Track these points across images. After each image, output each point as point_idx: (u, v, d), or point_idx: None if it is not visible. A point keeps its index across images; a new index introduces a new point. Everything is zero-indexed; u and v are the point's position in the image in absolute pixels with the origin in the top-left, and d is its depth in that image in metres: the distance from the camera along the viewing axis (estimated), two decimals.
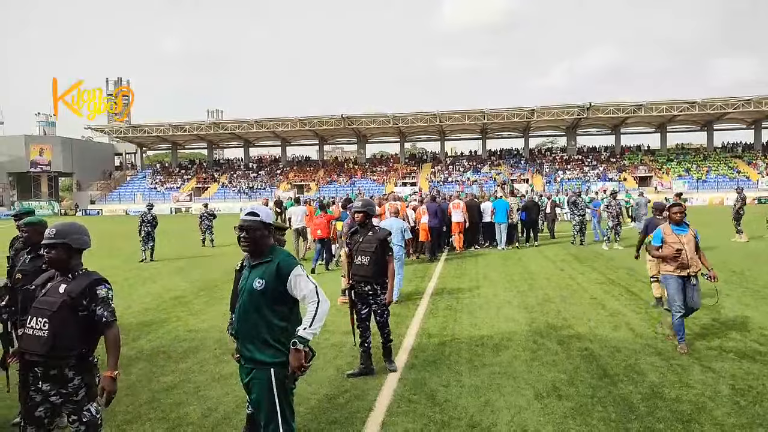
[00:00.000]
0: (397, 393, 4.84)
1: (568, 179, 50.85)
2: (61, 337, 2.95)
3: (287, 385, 3.09)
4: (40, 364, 2.97)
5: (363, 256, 5.31)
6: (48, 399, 3.00)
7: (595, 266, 12.13)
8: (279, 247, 3.29)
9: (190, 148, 73.76)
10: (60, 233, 3.10)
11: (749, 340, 6.16)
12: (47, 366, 2.97)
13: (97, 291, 3.03)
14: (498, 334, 6.65)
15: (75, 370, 3.00)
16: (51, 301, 2.99)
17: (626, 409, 4.36)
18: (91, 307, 3.00)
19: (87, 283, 3.03)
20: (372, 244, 5.32)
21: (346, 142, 68.13)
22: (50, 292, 3.04)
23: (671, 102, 50.20)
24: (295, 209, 14.64)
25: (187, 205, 54.63)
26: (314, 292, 3.02)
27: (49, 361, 2.95)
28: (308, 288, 3.03)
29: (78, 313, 2.98)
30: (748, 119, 55.09)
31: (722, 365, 5.35)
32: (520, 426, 4.12)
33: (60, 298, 2.98)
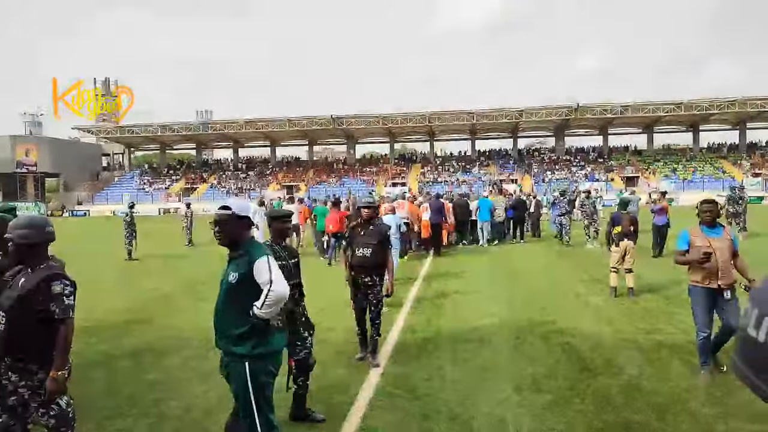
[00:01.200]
0: (378, 387, 4.88)
1: (556, 179, 51.18)
2: (17, 331, 2.92)
3: (263, 379, 3.09)
4: (4, 356, 2.97)
5: (365, 249, 5.53)
6: (17, 390, 2.99)
7: (580, 263, 12.24)
8: (256, 241, 3.30)
9: (179, 149, 73.32)
10: (11, 229, 3.07)
11: None
12: (12, 359, 2.97)
13: (51, 286, 2.96)
14: (481, 330, 6.71)
15: (38, 364, 2.97)
16: (10, 295, 2.98)
17: (603, 401, 4.43)
18: (45, 302, 2.95)
19: (41, 278, 2.98)
20: (374, 238, 5.56)
21: (335, 142, 68.08)
22: (14, 285, 3.04)
23: (658, 103, 50.71)
24: (292, 207, 15.52)
25: (175, 206, 54.32)
26: (268, 279, 2.98)
27: (8, 354, 2.94)
28: (266, 275, 3.00)
29: (33, 307, 2.93)
30: (733, 120, 55.77)
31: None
32: (498, 418, 4.17)
33: (17, 293, 2.97)
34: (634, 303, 8.06)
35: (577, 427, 3.98)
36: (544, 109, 52.34)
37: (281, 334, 3.27)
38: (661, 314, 7.33)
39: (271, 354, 3.15)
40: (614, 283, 8.65)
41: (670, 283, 9.42)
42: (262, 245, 3.26)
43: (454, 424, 4.09)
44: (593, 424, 4.02)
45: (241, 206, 3.24)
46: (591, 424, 4.02)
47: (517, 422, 4.09)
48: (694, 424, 3.96)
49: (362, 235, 5.61)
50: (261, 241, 3.61)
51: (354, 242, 5.65)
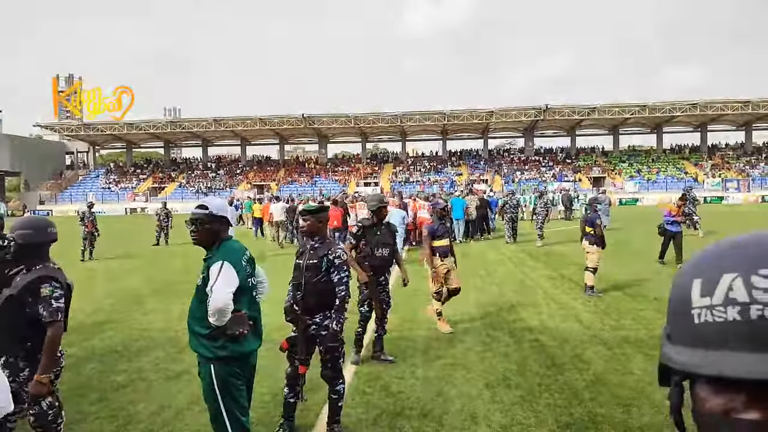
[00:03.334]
0: (352, 385, 4.91)
1: (525, 180, 52.00)
2: (6, 329, 3.00)
3: (229, 381, 3.05)
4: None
5: (383, 249, 5.58)
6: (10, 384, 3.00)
7: (548, 262, 12.49)
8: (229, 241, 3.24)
9: (146, 147, 71.79)
10: (13, 228, 3.19)
11: None
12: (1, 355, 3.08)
13: (40, 289, 3.00)
14: (453, 328, 6.79)
15: (25, 362, 3.06)
16: (3, 294, 3.07)
17: (571, 395, 4.56)
18: (33, 304, 3.01)
19: (30, 280, 3.04)
20: (390, 238, 5.67)
21: (307, 141, 67.68)
22: (12, 284, 3.12)
23: (623, 105, 51.97)
24: (276, 206, 18.03)
25: (142, 205, 53.23)
26: (211, 286, 2.92)
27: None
28: (212, 281, 2.93)
29: (22, 307, 3.01)
30: (694, 122, 57.59)
31: None
32: (469, 414, 4.25)
33: (9, 292, 3.05)
34: (600, 300, 8.27)
35: (546, 421, 4.09)
36: (513, 110, 53.09)
37: (254, 337, 3.20)
38: (625, 311, 7.55)
39: (238, 357, 3.07)
40: (590, 282, 8.77)
41: (635, 281, 9.72)
42: (233, 248, 3.17)
43: (426, 421, 4.15)
44: (561, 418, 4.13)
45: (217, 205, 3.20)
46: (559, 418, 4.13)
47: (488, 418, 4.18)
48: (656, 416, 4.11)
49: (378, 235, 5.58)
50: None
51: (371, 243, 5.55)
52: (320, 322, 3.88)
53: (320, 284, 3.85)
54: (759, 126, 58.21)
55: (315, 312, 3.88)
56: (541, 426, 4.01)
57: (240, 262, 3.09)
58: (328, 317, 3.87)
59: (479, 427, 4.03)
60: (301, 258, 3.98)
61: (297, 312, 3.89)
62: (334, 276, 3.85)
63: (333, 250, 3.91)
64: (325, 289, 3.86)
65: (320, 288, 3.85)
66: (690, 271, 0.61)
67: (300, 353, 3.87)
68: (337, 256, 3.89)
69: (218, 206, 3.19)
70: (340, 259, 3.88)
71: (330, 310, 3.87)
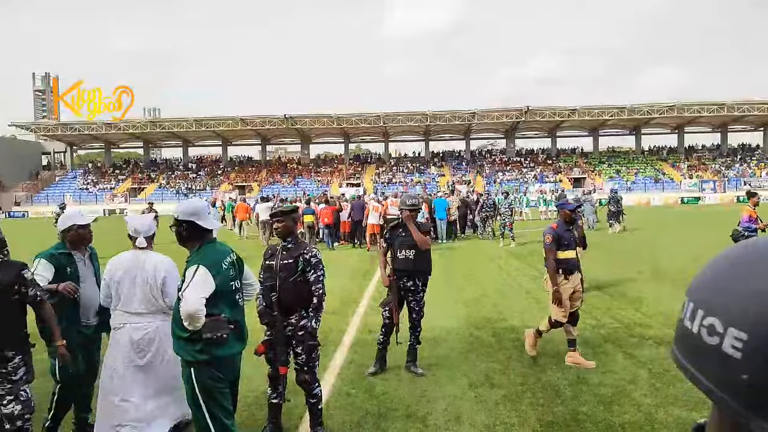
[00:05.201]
0: (335, 387, 4.90)
1: (507, 180, 52.42)
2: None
3: (211, 385, 3.01)
4: None
5: (408, 250, 5.18)
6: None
7: (531, 262, 12.60)
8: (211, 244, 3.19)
9: (125, 148, 70.78)
10: None
11: (667, 329, 6.60)
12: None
13: (24, 275, 3.22)
14: (436, 328, 6.80)
15: (15, 350, 3.17)
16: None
17: (553, 394, 4.60)
18: (21, 290, 3.18)
19: (15, 271, 3.18)
20: (414, 235, 5.18)
21: (289, 142, 67.38)
22: None
23: (602, 107, 52.68)
24: (261, 206, 18.82)
25: (122, 206, 52.45)
26: (182, 292, 2.91)
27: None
28: (184, 286, 2.93)
29: (11, 297, 3.14)
30: (672, 124, 58.63)
31: (642, 352, 5.71)
32: (454, 414, 4.27)
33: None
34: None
35: (529, 420, 4.12)
36: (495, 111, 53.51)
37: (236, 340, 3.17)
38: (606, 310, 7.64)
39: (219, 360, 3.04)
40: None
41: (616, 280, 9.84)
42: (212, 251, 3.12)
43: (410, 422, 4.15)
44: (544, 416, 4.16)
45: (183, 209, 3.15)
46: (541, 416, 4.17)
47: (471, 417, 4.20)
48: (636, 413, 4.17)
49: (404, 236, 5.22)
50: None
51: (395, 244, 5.24)
52: (296, 322, 3.85)
53: (295, 284, 3.83)
54: (734, 128, 59.50)
55: (291, 312, 3.86)
56: (524, 425, 4.04)
57: (219, 265, 3.04)
58: (304, 317, 3.84)
59: (463, 427, 4.05)
60: (272, 259, 3.93)
61: (272, 314, 3.86)
62: (311, 275, 3.83)
63: (308, 250, 3.90)
64: (301, 288, 3.83)
65: (296, 288, 3.83)
66: None
67: (279, 354, 3.85)
68: (314, 255, 3.88)
69: (184, 210, 3.14)
70: (316, 257, 3.88)
71: (306, 310, 3.85)
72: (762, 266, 0.58)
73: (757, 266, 0.59)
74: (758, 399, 0.54)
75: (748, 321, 0.55)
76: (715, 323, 0.58)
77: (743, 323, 0.55)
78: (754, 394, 0.54)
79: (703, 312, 0.60)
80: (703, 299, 0.61)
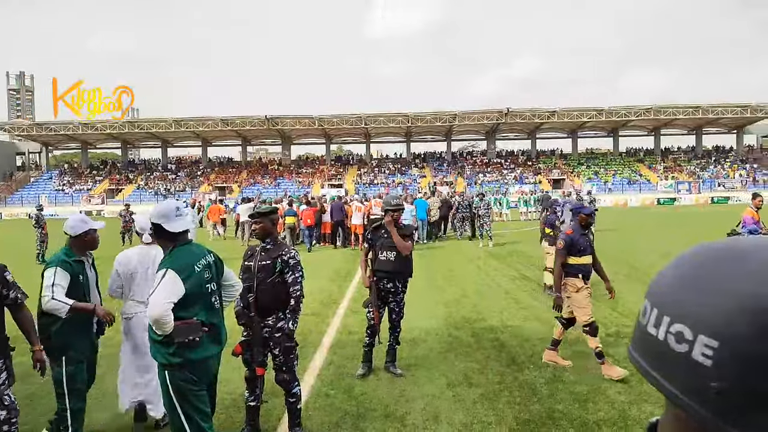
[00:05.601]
0: (314, 388, 4.90)
1: (488, 181, 52.81)
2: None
3: (185, 387, 2.98)
4: None
5: (389, 252, 5.15)
6: None
7: (510, 263, 12.72)
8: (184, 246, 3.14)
9: (102, 148, 69.66)
10: None
11: None
12: None
13: (6, 277, 3.24)
14: (416, 329, 6.84)
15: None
16: None
17: (530, 392, 4.66)
18: (3, 292, 3.20)
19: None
20: (393, 237, 5.15)
21: (270, 143, 67.00)
22: None
23: (581, 109, 53.40)
24: (242, 207, 19.20)
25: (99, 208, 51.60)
26: (149, 296, 2.91)
27: None
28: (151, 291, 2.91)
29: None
30: (648, 126, 59.67)
31: (618, 350, 5.82)
32: (432, 414, 4.30)
33: None
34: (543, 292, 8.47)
35: (506, 418, 4.17)
36: (476, 113, 53.88)
37: (211, 343, 3.13)
38: None
39: (193, 363, 3.00)
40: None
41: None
42: (185, 253, 3.08)
43: (389, 422, 4.17)
44: (520, 415, 4.22)
45: (153, 212, 3.14)
46: (518, 415, 4.22)
47: (449, 416, 4.23)
48: (610, 411, 4.25)
49: (386, 237, 5.17)
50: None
51: (378, 245, 5.21)
52: (273, 324, 3.85)
53: (273, 285, 3.83)
54: (709, 130, 60.79)
55: (268, 313, 3.85)
56: (500, 423, 4.09)
57: (191, 268, 3.00)
58: (282, 318, 3.84)
59: (441, 426, 4.08)
60: (251, 260, 3.93)
61: (249, 315, 3.85)
62: (289, 276, 3.83)
63: (287, 251, 3.91)
64: (279, 290, 3.83)
65: (273, 289, 3.83)
66: None
67: (256, 355, 3.84)
68: (292, 256, 3.89)
69: (153, 212, 3.14)
70: (295, 259, 3.88)
71: (283, 311, 3.85)
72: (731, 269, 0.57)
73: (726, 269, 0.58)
74: (727, 406, 0.54)
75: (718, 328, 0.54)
76: (683, 330, 0.57)
77: (714, 331, 0.55)
78: (724, 401, 0.54)
79: (669, 318, 0.59)
80: (669, 305, 0.60)
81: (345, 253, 15.68)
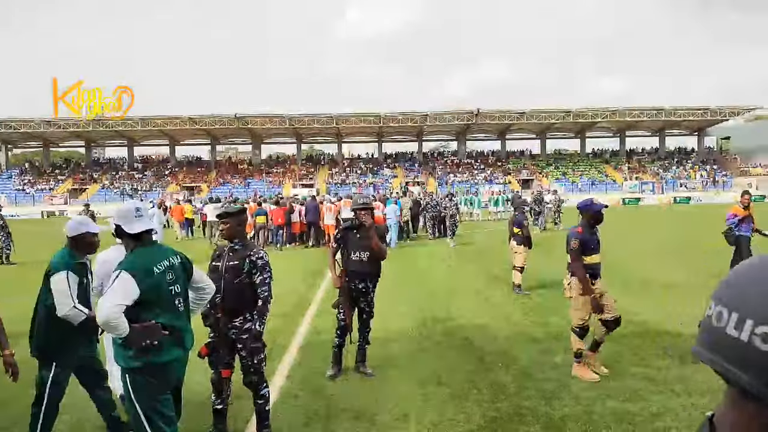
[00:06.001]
0: (283, 390, 4.86)
1: (459, 182, 53.26)
2: None
3: (147, 391, 2.92)
4: None
5: (362, 252, 5.11)
6: None
7: (480, 262, 12.86)
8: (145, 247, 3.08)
9: (65, 147, 67.68)
10: None
11: None
12: None
13: None
14: (387, 329, 6.84)
15: None
16: None
17: (498, 390, 4.72)
18: None
19: None
20: (371, 241, 5.08)
21: (240, 142, 66.20)
22: None
23: (550, 111, 54.35)
24: (209, 206, 19.05)
25: (61, 208, 50.14)
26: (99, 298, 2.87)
27: None
28: (104, 294, 2.86)
29: None
30: (614, 128, 61.14)
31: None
32: (401, 413, 4.31)
33: None
34: (529, 298, 8.61)
35: (474, 416, 4.21)
36: (447, 113, 54.29)
37: (174, 346, 3.04)
38: (551, 308, 7.89)
39: (154, 366, 2.93)
40: (518, 280, 9.09)
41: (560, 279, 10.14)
42: (143, 255, 3.01)
43: (358, 422, 4.17)
44: (488, 413, 4.27)
45: (116, 211, 3.08)
46: (486, 413, 4.27)
47: (419, 416, 4.25)
48: (575, 407, 4.33)
49: (358, 238, 5.13)
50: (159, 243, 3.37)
51: (349, 245, 5.16)
52: (240, 325, 3.81)
53: (241, 286, 3.79)
54: (671, 132, 62.65)
55: (235, 315, 3.81)
56: (469, 422, 4.13)
57: (149, 270, 2.92)
58: (249, 320, 3.81)
59: (410, 426, 4.10)
60: (219, 260, 3.89)
61: (216, 316, 3.81)
62: (257, 277, 3.80)
63: (255, 252, 3.88)
64: (246, 290, 3.80)
65: (241, 290, 3.79)
66: None
67: (222, 357, 3.80)
68: (260, 257, 3.86)
69: (115, 214, 3.07)
70: (263, 260, 3.86)
71: (250, 312, 3.82)
72: None
73: None
74: None
75: None
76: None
77: None
78: None
79: (752, 321, 0.66)
80: (752, 309, 0.67)
81: (316, 253, 15.60)
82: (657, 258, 12.85)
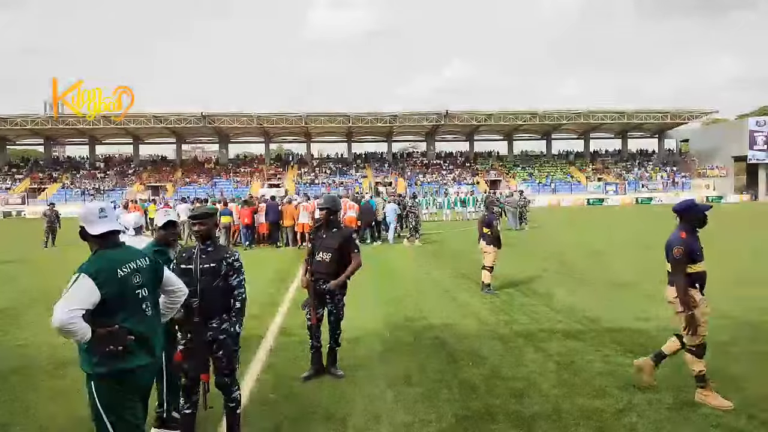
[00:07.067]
0: (253, 393, 4.79)
1: (428, 182, 53.60)
2: None
3: (112, 399, 2.82)
4: None
5: (325, 253, 5.13)
6: None
7: (450, 262, 12.96)
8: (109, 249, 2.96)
9: (23, 145, 65.36)
10: None
11: (573, 322, 7.03)
12: None
13: None
14: (357, 329, 6.80)
15: None
16: None
17: (469, 389, 4.75)
18: None
19: None
20: (335, 241, 5.12)
21: (207, 141, 65.14)
22: None
23: (517, 112, 55.23)
24: (181, 206, 19.32)
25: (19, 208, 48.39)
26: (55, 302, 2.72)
27: None
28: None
29: None
30: (578, 130, 62.57)
31: (551, 345, 6.04)
32: (373, 414, 4.30)
33: None
34: (496, 297, 8.71)
35: (446, 415, 4.23)
36: (416, 114, 54.59)
37: (142, 352, 2.92)
38: (519, 306, 8.01)
39: (119, 373, 2.82)
40: (487, 280, 9.16)
41: (528, 278, 10.33)
42: (106, 257, 2.90)
43: (329, 424, 4.13)
44: (459, 411, 4.29)
45: (79, 213, 2.97)
46: (457, 412, 4.29)
47: (390, 416, 4.24)
48: (544, 404, 4.39)
49: (324, 239, 5.19)
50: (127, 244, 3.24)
51: (315, 246, 5.24)
52: (217, 326, 3.74)
53: (218, 288, 3.73)
54: (633, 135, 64.46)
55: (211, 317, 3.75)
56: (440, 421, 4.14)
57: (113, 272, 2.80)
58: (226, 321, 3.75)
59: (382, 426, 4.08)
60: (190, 263, 3.79)
61: (194, 320, 3.73)
62: (233, 279, 3.76)
63: (230, 254, 3.85)
64: (224, 293, 3.75)
65: (218, 292, 3.73)
66: None
67: (200, 362, 3.72)
68: (236, 258, 3.84)
69: (79, 215, 2.97)
70: (239, 261, 3.84)
71: (227, 313, 3.77)
72: None
73: None
74: None
75: None
76: None
77: None
78: None
79: None
80: None
81: (284, 253, 15.47)
82: (608, 256, 13.18)
